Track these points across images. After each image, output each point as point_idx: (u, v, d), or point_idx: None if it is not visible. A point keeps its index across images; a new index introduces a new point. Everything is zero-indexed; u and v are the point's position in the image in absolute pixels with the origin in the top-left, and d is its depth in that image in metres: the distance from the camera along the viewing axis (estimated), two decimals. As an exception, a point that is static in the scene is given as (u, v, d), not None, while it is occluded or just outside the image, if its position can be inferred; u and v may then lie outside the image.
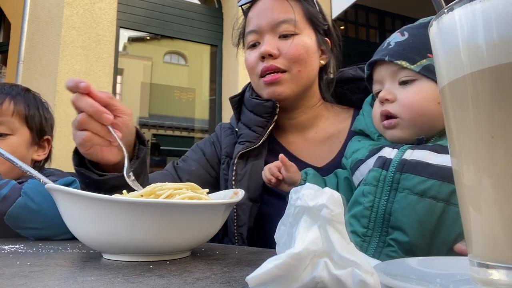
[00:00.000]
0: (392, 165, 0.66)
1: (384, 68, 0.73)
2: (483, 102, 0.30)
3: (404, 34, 0.73)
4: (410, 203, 0.62)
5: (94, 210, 0.48)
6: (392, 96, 0.70)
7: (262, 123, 0.95)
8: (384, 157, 0.68)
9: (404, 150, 0.67)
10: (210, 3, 4.78)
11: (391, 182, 0.65)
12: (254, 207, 0.90)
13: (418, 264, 0.39)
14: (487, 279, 0.30)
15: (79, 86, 0.67)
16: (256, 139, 0.94)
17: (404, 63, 0.69)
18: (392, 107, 0.70)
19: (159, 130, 5.11)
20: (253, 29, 0.95)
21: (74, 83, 0.68)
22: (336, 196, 0.32)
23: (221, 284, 0.37)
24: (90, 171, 0.75)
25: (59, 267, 0.46)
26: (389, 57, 0.71)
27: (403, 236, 0.62)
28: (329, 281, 0.29)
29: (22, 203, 0.74)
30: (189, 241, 0.54)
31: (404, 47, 0.70)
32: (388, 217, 0.64)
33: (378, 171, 0.67)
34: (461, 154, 0.33)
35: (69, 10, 3.64)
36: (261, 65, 0.92)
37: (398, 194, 0.64)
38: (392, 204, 0.64)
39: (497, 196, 0.29)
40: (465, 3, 0.31)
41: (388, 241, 0.63)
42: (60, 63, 3.49)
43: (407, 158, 0.65)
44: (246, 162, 0.93)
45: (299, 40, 0.92)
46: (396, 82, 0.71)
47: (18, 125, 0.99)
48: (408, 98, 0.68)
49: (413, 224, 0.61)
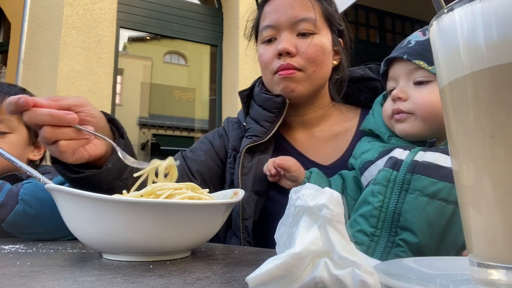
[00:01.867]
0: (403, 166, 0.66)
1: (401, 66, 0.72)
2: (483, 102, 0.30)
3: (425, 34, 0.72)
4: (420, 204, 0.62)
5: (94, 210, 0.48)
6: (405, 95, 0.70)
7: (271, 118, 0.95)
8: (395, 158, 0.68)
9: (416, 151, 0.67)
10: (210, 3, 4.78)
11: (401, 183, 0.65)
12: (260, 201, 0.90)
13: (418, 264, 0.39)
14: (487, 279, 0.30)
15: (20, 103, 0.60)
16: (264, 134, 0.94)
17: (422, 63, 0.68)
18: (404, 105, 0.70)
19: (159, 130, 5.11)
20: (270, 24, 0.94)
21: (13, 104, 0.60)
22: (336, 196, 0.32)
23: (221, 284, 0.37)
24: (65, 170, 0.72)
25: (59, 267, 0.46)
26: (407, 55, 0.70)
27: (412, 237, 0.62)
28: (329, 281, 0.29)
29: (21, 210, 0.73)
30: (189, 241, 0.54)
31: (424, 47, 0.70)
32: (398, 217, 0.64)
33: (389, 171, 0.67)
34: (461, 154, 0.33)
35: (69, 10, 3.64)
36: (276, 62, 0.91)
37: (408, 195, 0.64)
38: (402, 205, 0.64)
39: (497, 196, 0.29)
40: (465, 3, 0.31)
41: (397, 241, 0.63)
42: (60, 63, 3.49)
43: (418, 160, 0.65)
44: (253, 156, 0.93)
45: (317, 40, 0.92)
46: (411, 81, 0.70)
47: (17, 124, 0.99)
48: (422, 98, 0.68)
49: (422, 225, 0.61)
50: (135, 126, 5.06)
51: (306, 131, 1.01)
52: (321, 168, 0.88)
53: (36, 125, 0.63)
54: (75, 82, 3.53)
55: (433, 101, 0.67)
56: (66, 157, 0.67)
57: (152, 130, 5.16)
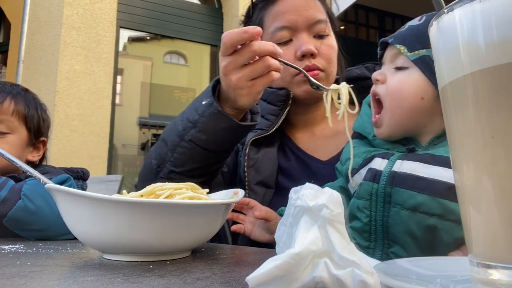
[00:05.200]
0: (382, 178, 0.64)
1: (389, 50, 0.71)
2: (483, 102, 0.30)
3: (421, 19, 0.70)
4: (403, 218, 0.60)
5: (94, 210, 0.48)
6: (382, 77, 0.69)
7: (275, 111, 0.96)
8: (374, 169, 0.66)
9: (394, 160, 0.65)
10: (210, 3, 4.78)
11: (383, 196, 0.63)
12: (268, 193, 0.90)
13: (418, 264, 0.39)
14: (487, 279, 0.30)
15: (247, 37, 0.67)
16: (269, 127, 0.95)
17: (402, 49, 0.67)
18: (380, 88, 0.69)
19: (159, 130, 5.11)
20: (286, 25, 0.93)
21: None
22: (336, 196, 0.32)
23: (221, 284, 0.37)
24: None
25: (59, 267, 0.46)
26: (393, 39, 0.69)
27: (401, 251, 0.61)
28: (329, 281, 0.29)
29: (23, 205, 0.74)
30: (189, 241, 0.54)
31: (412, 32, 0.68)
32: (386, 230, 0.63)
33: (370, 185, 0.65)
34: (461, 154, 0.33)
35: (69, 10, 3.64)
36: (298, 63, 0.91)
37: (391, 208, 0.62)
38: (388, 218, 0.63)
39: (497, 196, 0.29)
40: (465, 3, 0.31)
41: (390, 254, 0.62)
42: (60, 63, 3.49)
43: (396, 170, 0.63)
44: (259, 149, 0.94)
45: (331, 41, 0.95)
46: (393, 66, 0.69)
47: (17, 125, 0.99)
48: (393, 85, 0.67)
49: (407, 239, 0.60)
50: (135, 126, 5.06)
51: (308, 129, 1.02)
52: (319, 163, 0.88)
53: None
54: (75, 82, 3.53)
55: (402, 90, 0.65)
56: (256, 94, 0.73)
57: (152, 130, 5.16)
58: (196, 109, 0.80)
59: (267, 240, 0.81)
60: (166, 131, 0.88)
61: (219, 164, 0.86)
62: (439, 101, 0.68)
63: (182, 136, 0.80)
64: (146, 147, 5.12)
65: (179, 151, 0.81)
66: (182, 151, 0.80)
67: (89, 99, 3.61)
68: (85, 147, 3.57)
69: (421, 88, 0.64)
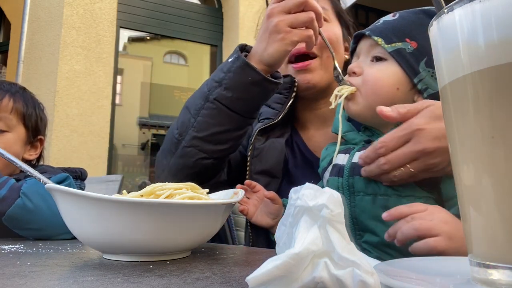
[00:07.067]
0: (345, 171, 0.68)
1: (364, 42, 0.74)
2: (483, 102, 0.30)
3: (395, 15, 0.74)
4: (367, 203, 0.64)
5: (94, 210, 0.48)
6: (359, 70, 0.71)
7: (281, 100, 0.96)
8: (338, 165, 0.70)
9: (353, 154, 0.68)
10: (210, 3, 4.78)
11: (348, 187, 0.67)
12: (273, 183, 0.90)
13: (418, 264, 0.39)
14: (487, 279, 0.30)
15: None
16: (275, 115, 0.94)
17: (380, 41, 0.70)
18: (355, 79, 0.71)
19: (159, 130, 5.11)
20: None
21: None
22: (336, 196, 0.32)
23: (221, 284, 0.37)
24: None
25: (59, 267, 0.46)
26: (370, 31, 0.72)
27: (373, 237, 0.63)
28: (329, 281, 0.29)
29: (21, 204, 0.74)
30: (189, 241, 0.54)
31: (388, 26, 0.72)
32: (356, 221, 0.66)
33: (335, 179, 0.69)
34: (461, 154, 0.33)
35: (69, 10, 3.64)
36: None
37: (356, 197, 0.66)
38: (355, 208, 0.66)
39: (497, 196, 0.29)
40: (465, 3, 0.31)
41: (363, 245, 0.64)
42: (60, 63, 3.49)
43: (355, 161, 0.67)
44: (266, 139, 0.93)
45: (330, 27, 0.95)
46: (369, 57, 0.72)
47: (15, 123, 0.99)
48: (371, 74, 0.70)
49: (376, 223, 0.63)
50: (135, 126, 5.06)
51: (320, 128, 1.00)
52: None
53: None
54: (75, 82, 3.53)
55: (379, 80, 0.68)
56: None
57: (152, 130, 5.16)
58: (222, 68, 0.81)
59: (268, 224, 0.81)
60: (190, 99, 0.88)
61: (241, 130, 0.84)
62: (412, 92, 0.72)
63: (207, 97, 0.80)
64: (146, 147, 5.11)
65: (203, 113, 0.80)
66: (206, 112, 0.80)
67: (89, 99, 3.61)
68: (85, 147, 3.57)
69: (398, 79, 0.69)
